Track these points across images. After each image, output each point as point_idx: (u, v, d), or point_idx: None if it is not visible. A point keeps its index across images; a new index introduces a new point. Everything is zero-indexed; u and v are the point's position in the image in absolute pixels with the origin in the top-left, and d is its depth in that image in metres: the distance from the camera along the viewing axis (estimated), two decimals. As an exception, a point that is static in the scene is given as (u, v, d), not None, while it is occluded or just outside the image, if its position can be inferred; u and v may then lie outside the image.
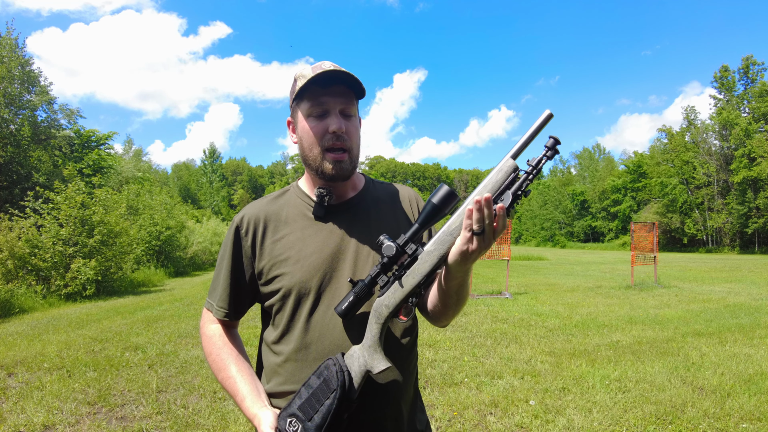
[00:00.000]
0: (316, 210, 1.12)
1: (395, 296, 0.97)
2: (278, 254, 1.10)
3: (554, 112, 0.90)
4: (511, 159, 0.92)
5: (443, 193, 0.95)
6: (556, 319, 7.01)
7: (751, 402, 3.63)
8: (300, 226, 1.13)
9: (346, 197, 1.17)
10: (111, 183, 20.69)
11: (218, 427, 3.26)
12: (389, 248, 0.96)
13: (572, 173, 67.06)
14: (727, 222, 36.78)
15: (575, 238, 55.26)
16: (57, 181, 11.46)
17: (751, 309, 7.86)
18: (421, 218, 0.96)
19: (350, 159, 1.09)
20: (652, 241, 11.72)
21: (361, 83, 1.07)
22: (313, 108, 1.06)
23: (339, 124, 1.04)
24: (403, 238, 0.97)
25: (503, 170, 0.91)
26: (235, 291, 1.16)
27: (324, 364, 0.98)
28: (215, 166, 71.02)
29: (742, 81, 38.46)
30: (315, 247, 1.10)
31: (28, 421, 3.32)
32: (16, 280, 9.32)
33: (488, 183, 0.91)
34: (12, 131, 15.85)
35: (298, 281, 1.07)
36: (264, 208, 1.17)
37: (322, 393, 0.95)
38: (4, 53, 15.49)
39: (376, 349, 0.97)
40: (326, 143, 1.06)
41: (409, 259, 0.97)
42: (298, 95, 1.08)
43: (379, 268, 0.98)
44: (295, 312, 1.08)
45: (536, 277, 14.21)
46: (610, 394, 3.84)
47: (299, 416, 0.95)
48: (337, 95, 1.06)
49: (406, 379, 1.11)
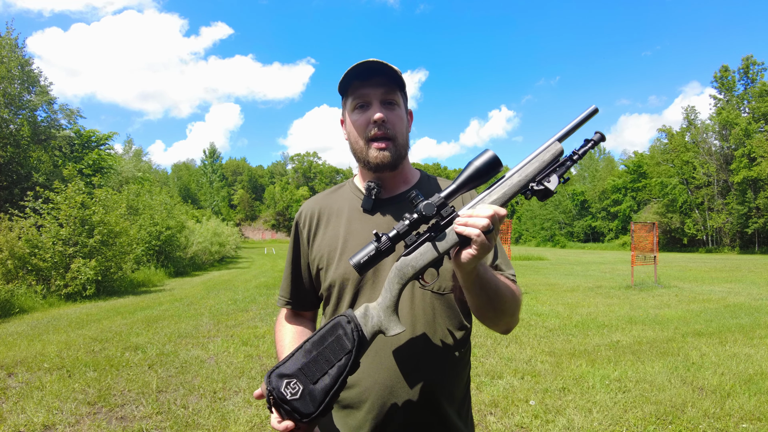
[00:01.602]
0: (365, 202, 1.13)
1: (424, 258, 0.89)
2: (327, 245, 1.13)
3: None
4: (558, 142, 0.91)
5: (487, 158, 0.89)
6: (556, 319, 7.01)
7: (751, 402, 3.63)
8: (349, 219, 1.14)
9: (396, 191, 1.16)
10: (111, 183, 20.67)
11: (218, 427, 3.26)
12: (429, 207, 0.87)
13: (572, 173, 66.96)
14: (727, 222, 36.77)
15: (575, 238, 55.22)
16: (57, 181, 11.44)
17: (751, 309, 7.86)
18: (460, 180, 0.90)
19: (395, 147, 1.08)
20: (652, 241, 11.72)
21: (399, 73, 1.07)
22: (355, 101, 1.08)
23: (379, 112, 1.05)
24: (438, 198, 0.89)
25: (551, 151, 0.90)
26: (295, 281, 1.20)
27: (336, 320, 0.89)
28: (215, 166, 71.05)
29: (742, 81, 38.46)
30: (360, 240, 1.09)
31: (28, 421, 3.32)
32: (16, 280, 9.31)
33: (536, 160, 0.90)
34: (12, 131, 15.84)
35: (341, 273, 1.08)
36: (320, 202, 1.21)
37: (333, 353, 0.85)
38: (4, 53, 15.48)
39: (393, 310, 0.91)
40: (369, 133, 1.07)
41: (444, 221, 0.90)
42: (342, 92, 1.11)
43: (407, 225, 0.89)
44: (338, 303, 1.09)
45: (536, 277, 14.21)
46: (610, 394, 3.84)
47: (301, 378, 0.84)
48: (378, 86, 1.07)
49: (453, 381, 1.07)
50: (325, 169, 78.39)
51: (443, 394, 1.05)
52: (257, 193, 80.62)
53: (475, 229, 0.83)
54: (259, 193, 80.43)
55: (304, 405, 0.83)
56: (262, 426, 3.30)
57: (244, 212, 75.05)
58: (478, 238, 0.83)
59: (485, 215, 0.84)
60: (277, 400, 0.84)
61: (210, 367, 4.61)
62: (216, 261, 23.02)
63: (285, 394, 0.83)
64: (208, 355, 5.05)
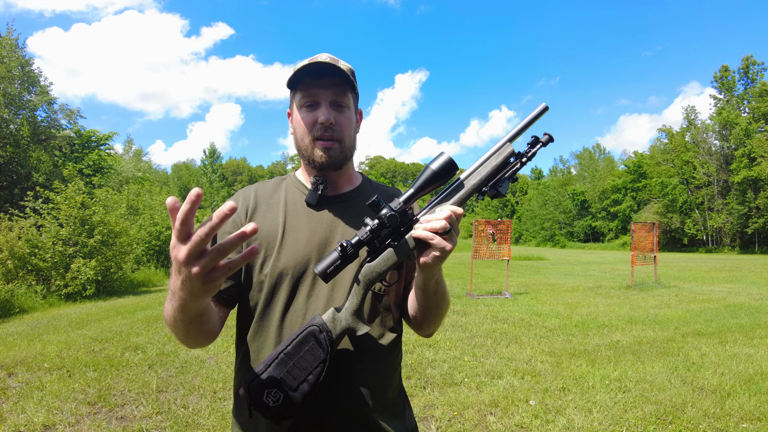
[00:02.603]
0: (309, 197, 1.10)
1: (387, 263, 0.93)
2: (264, 235, 1.06)
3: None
4: (509, 144, 0.94)
5: (443, 161, 0.91)
6: (556, 319, 7.01)
7: (751, 402, 3.63)
8: (291, 212, 1.10)
9: (341, 190, 1.15)
10: (111, 183, 20.68)
11: (218, 427, 3.26)
12: (393, 218, 0.89)
13: (572, 173, 67.07)
14: (727, 222, 36.77)
15: (575, 238, 55.24)
16: (57, 181, 11.45)
17: (751, 309, 7.86)
18: (417, 184, 0.92)
19: (341, 148, 1.08)
20: (652, 241, 11.72)
21: (350, 76, 1.06)
22: (303, 99, 1.07)
23: (327, 115, 1.04)
24: (397, 202, 0.92)
25: (503, 154, 0.93)
26: None
27: (307, 330, 0.92)
28: (215, 166, 70.98)
29: (742, 81, 38.50)
30: (303, 234, 1.07)
31: (28, 421, 3.32)
32: (16, 280, 9.31)
33: (488, 164, 0.94)
34: (12, 131, 15.85)
35: (281, 266, 1.04)
36: (256, 191, 1.15)
37: (308, 363, 0.90)
38: (4, 53, 15.49)
39: (360, 314, 0.96)
40: (316, 133, 1.06)
41: (404, 226, 0.94)
42: (291, 86, 1.09)
43: (369, 232, 0.91)
44: (273, 296, 1.04)
45: (536, 277, 14.21)
46: (610, 394, 3.84)
47: (281, 387, 0.88)
48: (328, 86, 1.05)
49: (383, 382, 1.07)
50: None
51: (377, 397, 1.05)
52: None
53: (433, 234, 0.87)
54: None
55: (285, 410, 0.89)
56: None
57: (244, 212, 74.89)
58: (435, 242, 0.87)
59: (442, 217, 0.88)
60: (259, 407, 0.89)
61: (210, 367, 4.61)
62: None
63: (267, 402, 0.88)
64: (208, 355, 5.05)
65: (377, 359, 1.06)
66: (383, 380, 1.08)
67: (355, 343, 1.03)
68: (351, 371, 1.02)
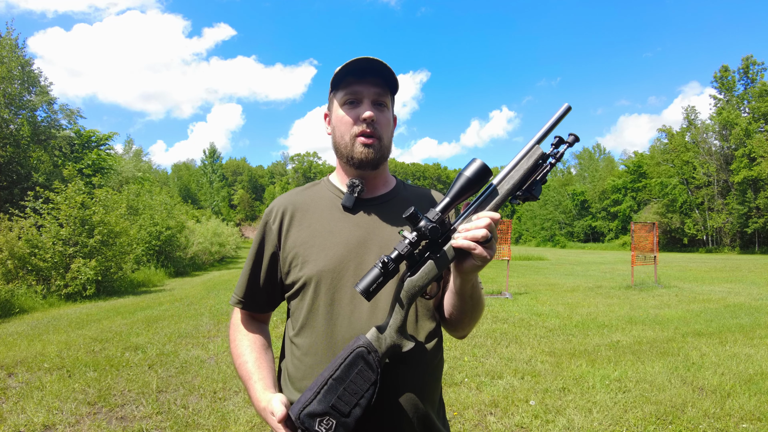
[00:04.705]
0: (346, 200, 1.10)
1: (428, 276, 0.92)
2: (302, 243, 1.09)
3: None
4: (539, 146, 0.94)
5: (477, 167, 0.90)
6: (556, 319, 7.01)
7: (751, 402, 3.63)
8: (327, 217, 1.11)
9: (377, 192, 1.15)
10: (111, 183, 20.66)
11: (218, 427, 3.26)
12: (435, 231, 0.89)
13: (572, 173, 67.03)
14: (727, 222, 36.75)
15: (575, 238, 55.20)
16: (57, 181, 11.45)
17: (751, 309, 7.86)
18: (452, 192, 0.91)
19: (380, 146, 1.08)
20: (652, 241, 11.72)
21: (395, 75, 1.08)
22: (346, 96, 1.08)
23: (370, 111, 1.05)
24: (434, 213, 0.91)
25: (533, 157, 0.93)
26: (252, 279, 1.14)
27: (354, 352, 0.90)
28: (215, 166, 71.00)
29: (742, 81, 38.43)
30: (341, 238, 1.07)
31: (28, 421, 3.32)
32: (16, 280, 9.31)
33: (519, 168, 0.93)
34: (12, 131, 15.84)
35: (320, 270, 1.05)
36: (292, 199, 1.17)
37: (358, 386, 0.88)
38: (4, 53, 15.47)
39: (404, 331, 0.94)
40: (357, 129, 1.07)
41: (442, 237, 0.92)
42: (333, 85, 1.10)
43: (408, 245, 0.90)
44: (315, 299, 1.05)
45: (536, 277, 14.21)
46: (610, 394, 3.84)
47: (333, 414, 0.86)
48: (371, 85, 1.07)
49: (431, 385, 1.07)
50: (325, 169, 78.39)
51: (428, 401, 1.05)
52: (257, 193, 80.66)
53: (475, 244, 0.87)
54: (259, 193, 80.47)
55: None
56: (262, 426, 3.30)
57: (244, 212, 75.01)
58: (477, 252, 0.87)
59: (482, 225, 0.87)
60: None
61: (210, 367, 4.61)
62: (216, 261, 23.02)
63: (320, 430, 0.87)
64: (208, 355, 5.05)
65: (423, 364, 1.06)
66: (430, 383, 1.07)
67: (400, 357, 1.01)
68: (398, 383, 1.02)
